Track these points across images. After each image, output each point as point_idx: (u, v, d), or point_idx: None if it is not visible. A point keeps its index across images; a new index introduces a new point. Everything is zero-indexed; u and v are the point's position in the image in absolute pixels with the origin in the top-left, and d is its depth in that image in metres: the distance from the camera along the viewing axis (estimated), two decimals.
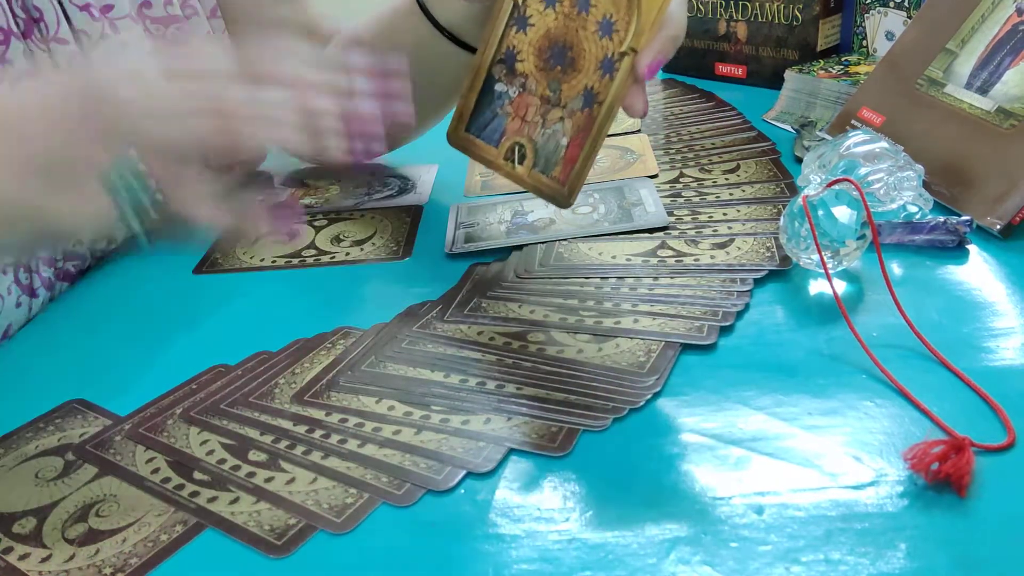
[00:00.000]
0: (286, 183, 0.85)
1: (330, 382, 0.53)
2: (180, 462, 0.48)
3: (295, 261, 0.70)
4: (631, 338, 0.54)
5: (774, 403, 0.48)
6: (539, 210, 0.72)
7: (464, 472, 0.45)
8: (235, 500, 0.45)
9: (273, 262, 0.70)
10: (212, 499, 0.45)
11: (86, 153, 0.45)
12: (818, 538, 0.39)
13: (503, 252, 0.67)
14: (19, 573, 0.42)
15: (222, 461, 0.48)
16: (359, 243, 0.71)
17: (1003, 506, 0.40)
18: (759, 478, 0.43)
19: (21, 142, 0.45)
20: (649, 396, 0.49)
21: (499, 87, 0.59)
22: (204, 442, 0.49)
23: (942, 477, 0.41)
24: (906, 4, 0.90)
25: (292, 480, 0.46)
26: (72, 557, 0.43)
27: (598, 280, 0.61)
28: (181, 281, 0.69)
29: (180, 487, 0.46)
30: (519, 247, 0.67)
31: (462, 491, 0.44)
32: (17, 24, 0.65)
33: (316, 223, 0.75)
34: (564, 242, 0.66)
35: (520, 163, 0.54)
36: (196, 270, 0.70)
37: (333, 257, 0.70)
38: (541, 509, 0.43)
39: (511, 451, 0.46)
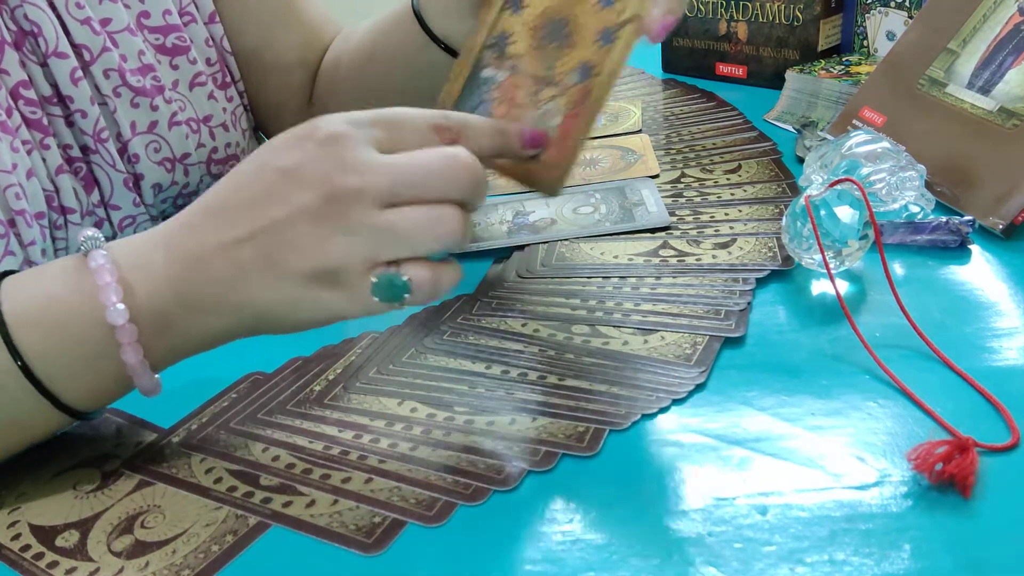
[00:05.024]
0: None
1: (346, 384, 0.53)
2: (244, 470, 0.47)
3: None
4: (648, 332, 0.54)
5: (777, 403, 0.48)
6: (540, 210, 0.72)
7: (526, 469, 0.45)
8: (311, 503, 0.44)
9: None
10: (287, 503, 0.44)
11: None
12: (822, 539, 0.39)
13: (504, 252, 0.67)
14: None
15: (291, 466, 0.47)
16: None
17: (1007, 506, 0.40)
18: (763, 479, 0.43)
19: None
20: (692, 387, 0.50)
21: (486, 72, 0.57)
22: (265, 449, 0.48)
23: (946, 478, 0.41)
24: (907, 4, 0.90)
25: (370, 480, 0.45)
26: (121, 570, 0.41)
27: (600, 280, 0.61)
28: None
29: (249, 495, 0.45)
30: (520, 247, 0.67)
31: None
32: (9, 34, 0.64)
33: None
34: (566, 242, 0.66)
35: None
36: None
37: None
38: (544, 510, 0.43)
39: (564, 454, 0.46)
